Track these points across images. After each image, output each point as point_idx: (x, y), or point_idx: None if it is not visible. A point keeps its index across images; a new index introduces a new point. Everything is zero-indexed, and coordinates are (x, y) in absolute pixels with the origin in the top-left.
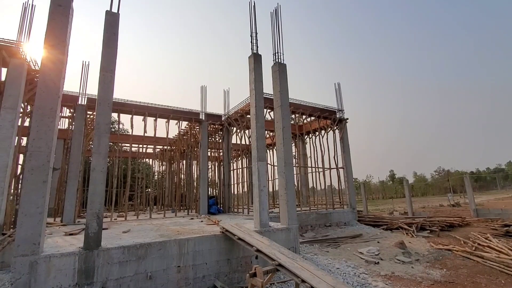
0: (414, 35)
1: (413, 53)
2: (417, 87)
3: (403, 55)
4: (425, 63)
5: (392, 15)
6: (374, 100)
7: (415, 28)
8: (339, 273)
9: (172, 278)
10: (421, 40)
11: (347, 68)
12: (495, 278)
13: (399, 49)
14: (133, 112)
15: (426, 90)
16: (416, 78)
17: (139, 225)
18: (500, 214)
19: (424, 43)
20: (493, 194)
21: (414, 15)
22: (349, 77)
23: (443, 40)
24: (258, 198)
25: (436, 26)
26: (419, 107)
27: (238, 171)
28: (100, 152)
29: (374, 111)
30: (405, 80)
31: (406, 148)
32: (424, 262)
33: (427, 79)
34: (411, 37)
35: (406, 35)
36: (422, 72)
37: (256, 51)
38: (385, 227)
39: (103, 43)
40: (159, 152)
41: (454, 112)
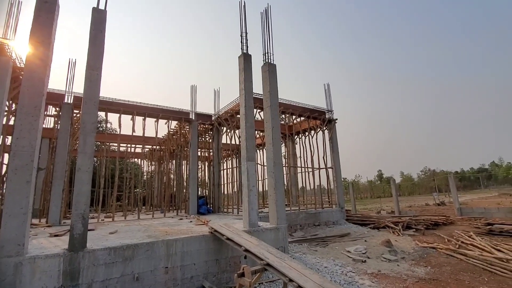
0: (408, 35)
1: (405, 53)
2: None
3: (396, 55)
4: (418, 63)
5: (388, 13)
6: (365, 100)
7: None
8: (327, 272)
9: (159, 279)
10: (414, 39)
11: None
12: (478, 275)
13: (392, 49)
14: (121, 111)
15: (417, 90)
16: (408, 78)
17: (127, 225)
18: (483, 213)
19: (417, 43)
20: (477, 193)
21: (410, 12)
22: (342, 77)
23: (436, 41)
24: (247, 198)
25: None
26: (409, 107)
27: (228, 171)
28: (86, 151)
29: (364, 111)
30: (397, 80)
31: (394, 148)
32: (409, 260)
33: (419, 79)
34: (405, 37)
35: (401, 35)
36: (415, 72)
37: (246, 51)
38: (372, 226)
39: (90, 41)
40: (148, 152)
41: (442, 113)
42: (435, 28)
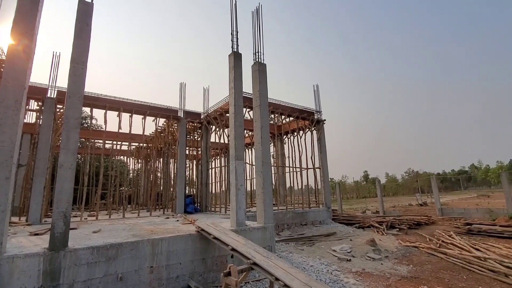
0: (397, 38)
1: (393, 57)
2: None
3: (384, 59)
4: (406, 66)
5: (377, 16)
6: (353, 101)
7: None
8: (312, 271)
9: (144, 279)
10: (402, 43)
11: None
12: (457, 273)
13: (380, 52)
14: (107, 107)
15: (403, 93)
16: (395, 81)
17: (111, 224)
18: (462, 213)
19: (405, 47)
20: (457, 194)
21: (399, 16)
22: (331, 78)
23: (424, 45)
24: (235, 197)
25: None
26: (396, 110)
27: (216, 170)
28: (69, 148)
29: (352, 112)
30: (384, 83)
31: (380, 150)
32: (392, 258)
33: (406, 82)
34: (393, 40)
35: (389, 38)
36: (402, 75)
37: (237, 50)
38: (357, 225)
39: (75, 34)
40: (135, 149)
41: (427, 116)
42: (424, 32)
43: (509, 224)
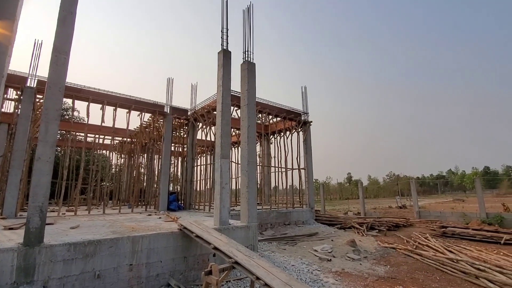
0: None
1: (382, 61)
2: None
3: (373, 63)
4: (394, 71)
5: (368, 20)
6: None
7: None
8: (294, 270)
9: (122, 277)
10: (394, 47)
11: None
12: (431, 274)
13: (370, 57)
14: (90, 100)
15: (389, 98)
16: (383, 86)
17: (90, 220)
18: (439, 216)
19: (395, 51)
20: (435, 198)
21: (389, 20)
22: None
23: (415, 48)
24: (219, 195)
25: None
26: (381, 114)
27: (201, 168)
28: (47, 140)
29: (339, 115)
30: (371, 87)
31: (364, 152)
32: (371, 259)
33: (393, 87)
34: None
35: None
36: (390, 80)
37: (226, 47)
38: (339, 226)
39: (58, 22)
40: (118, 144)
41: (410, 121)
42: (412, 37)
43: (481, 228)
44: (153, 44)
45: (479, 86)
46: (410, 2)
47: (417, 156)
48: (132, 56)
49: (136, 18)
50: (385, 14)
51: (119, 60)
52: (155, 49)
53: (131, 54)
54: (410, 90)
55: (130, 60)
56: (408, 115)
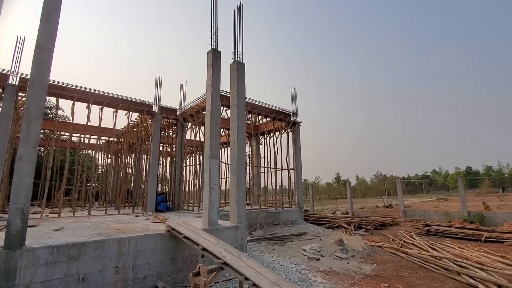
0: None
1: (371, 63)
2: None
3: (362, 65)
4: (385, 72)
5: (356, 22)
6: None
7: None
8: (282, 270)
9: (108, 280)
10: (383, 49)
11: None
12: (416, 272)
13: (359, 58)
14: (75, 98)
15: (378, 99)
16: (371, 87)
17: (75, 222)
18: (423, 215)
19: (384, 53)
20: (419, 197)
21: (378, 23)
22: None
23: (403, 51)
24: (208, 196)
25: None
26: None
27: (191, 168)
28: (29, 139)
29: (328, 115)
30: (360, 89)
31: (353, 153)
32: (358, 258)
33: (382, 88)
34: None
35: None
36: (379, 81)
37: (216, 47)
38: (327, 226)
39: (42, 18)
40: (105, 144)
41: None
42: (401, 40)
43: (463, 226)
44: (142, 43)
45: (464, 88)
46: (400, 5)
47: (403, 157)
48: (120, 55)
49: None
50: (374, 16)
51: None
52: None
53: (118, 53)
54: (397, 92)
55: (117, 59)
56: (396, 116)
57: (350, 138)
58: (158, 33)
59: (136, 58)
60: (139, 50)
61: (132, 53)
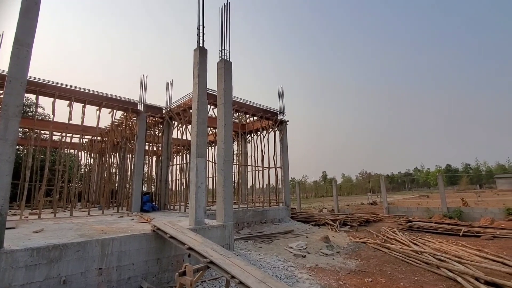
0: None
1: (359, 64)
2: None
3: (350, 65)
4: (373, 71)
5: (343, 23)
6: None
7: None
8: (269, 267)
9: (91, 282)
10: (371, 49)
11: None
12: (398, 266)
13: (347, 59)
14: (56, 95)
15: (364, 100)
16: (358, 88)
17: (56, 224)
18: (406, 211)
19: (373, 53)
20: (402, 194)
21: (364, 24)
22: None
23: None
24: (195, 195)
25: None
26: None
27: (177, 167)
28: (7, 138)
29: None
30: (347, 89)
31: (339, 152)
32: (343, 254)
33: (368, 89)
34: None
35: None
36: (365, 82)
37: (202, 45)
38: (314, 223)
39: (21, 12)
40: (87, 143)
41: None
42: (389, 41)
43: (443, 222)
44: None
45: (446, 89)
46: (387, 5)
47: (387, 155)
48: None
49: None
50: (361, 16)
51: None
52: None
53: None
54: (383, 92)
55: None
56: (381, 116)
57: (336, 137)
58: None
59: (120, 56)
60: (122, 48)
61: (115, 50)
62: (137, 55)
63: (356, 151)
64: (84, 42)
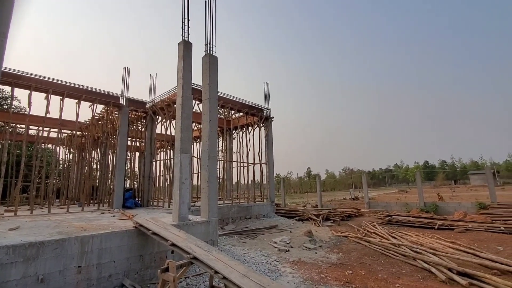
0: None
1: (346, 62)
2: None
3: (337, 64)
4: (356, 72)
5: (331, 21)
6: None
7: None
8: (253, 262)
9: (70, 280)
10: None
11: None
12: (377, 259)
13: (334, 57)
14: (32, 87)
15: (350, 98)
16: (344, 86)
17: (33, 221)
18: (385, 206)
19: (357, 50)
20: (383, 190)
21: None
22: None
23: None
24: (179, 191)
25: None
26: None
27: (161, 163)
28: None
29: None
30: (333, 87)
31: (323, 148)
32: (326, 247)
33: (355, 87)
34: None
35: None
36: (351, 80)
37: (187, 38)
38: (298, 218)
39: None
40: (66, 137)
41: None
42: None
43: (419, 216)
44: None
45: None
46: (372, 3)
47: (369, 152)
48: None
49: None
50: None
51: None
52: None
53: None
54: (366, 90)
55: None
56: (364, 114)
57: (321, 134)
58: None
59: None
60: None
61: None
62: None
63: (340, 148)
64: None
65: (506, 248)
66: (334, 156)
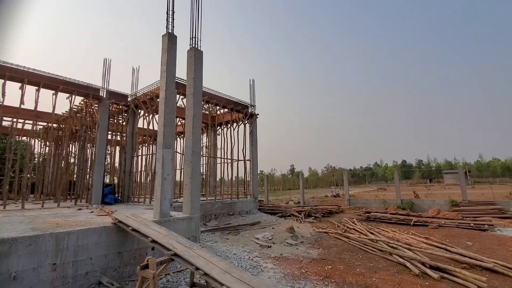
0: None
1: (333, 62)
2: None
3: (325, 63)
4: (345, 68)
5: (319, 20)
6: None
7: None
8: (235, 258)
9: (44, 278)
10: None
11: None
12: (356, 254)
13: (322, 56)
14: (6, 77)
15: (337, 93)
16: (331, 85)
17: (6, 217)
18: (365, 203)
19: (346, 49)
20: (363, 187)
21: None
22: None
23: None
24: (160, 187)
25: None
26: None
27: (143, 158)
28: None
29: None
30: (320, 86)
31: (307, 146)
32: (307, 243)
33: (342, 87)
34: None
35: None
36: (339, 80)
37: (172, 31)
38: (280, 215)
39: None
40: (42, 130)
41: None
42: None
43: (396, 212)
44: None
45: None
46: (361, 4)
47: (351, 150)
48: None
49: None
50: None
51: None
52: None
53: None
54: (349, 90)
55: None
56: (346, 113)
57: (305, 132)
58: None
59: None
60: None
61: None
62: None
63: (323, 146)
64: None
65: (475, 243)
66: (317, 154)
